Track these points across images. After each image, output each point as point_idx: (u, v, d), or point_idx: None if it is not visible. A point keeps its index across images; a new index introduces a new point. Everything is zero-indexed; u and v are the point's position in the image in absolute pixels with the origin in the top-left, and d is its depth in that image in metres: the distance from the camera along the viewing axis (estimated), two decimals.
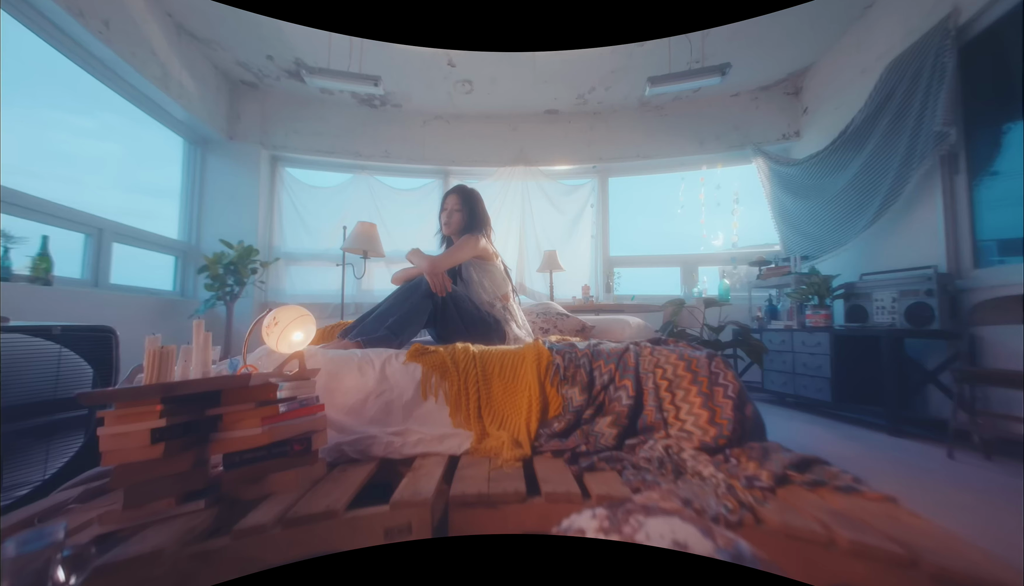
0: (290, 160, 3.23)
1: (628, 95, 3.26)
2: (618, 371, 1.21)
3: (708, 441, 0.97)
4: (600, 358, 1.25)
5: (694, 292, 3.29)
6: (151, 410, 0.67)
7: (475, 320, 1.55)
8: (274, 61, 2.78)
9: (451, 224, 1.67)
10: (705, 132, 3.23)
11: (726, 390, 1.03)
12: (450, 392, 1.19)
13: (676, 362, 1.15)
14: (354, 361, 1.17)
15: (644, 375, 1.17)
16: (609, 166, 3.57)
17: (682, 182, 3.42)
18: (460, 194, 1.69)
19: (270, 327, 0.94)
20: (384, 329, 1.37)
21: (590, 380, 1.22)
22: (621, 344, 1.33)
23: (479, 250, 1.61)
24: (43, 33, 1.83)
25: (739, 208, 3.19)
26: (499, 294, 1.69)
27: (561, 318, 2.12)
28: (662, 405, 1.11)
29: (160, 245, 2.60)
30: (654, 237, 3.71)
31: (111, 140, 2.37)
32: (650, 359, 1.20)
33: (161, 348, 0.71)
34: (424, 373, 1.19)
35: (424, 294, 1.46)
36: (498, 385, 1.24)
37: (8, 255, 1.69)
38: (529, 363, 1.25)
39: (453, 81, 3.09)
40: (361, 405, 1.12)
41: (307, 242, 3.19)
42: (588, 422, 1.17)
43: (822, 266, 2.42)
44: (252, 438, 0.78)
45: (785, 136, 3.00)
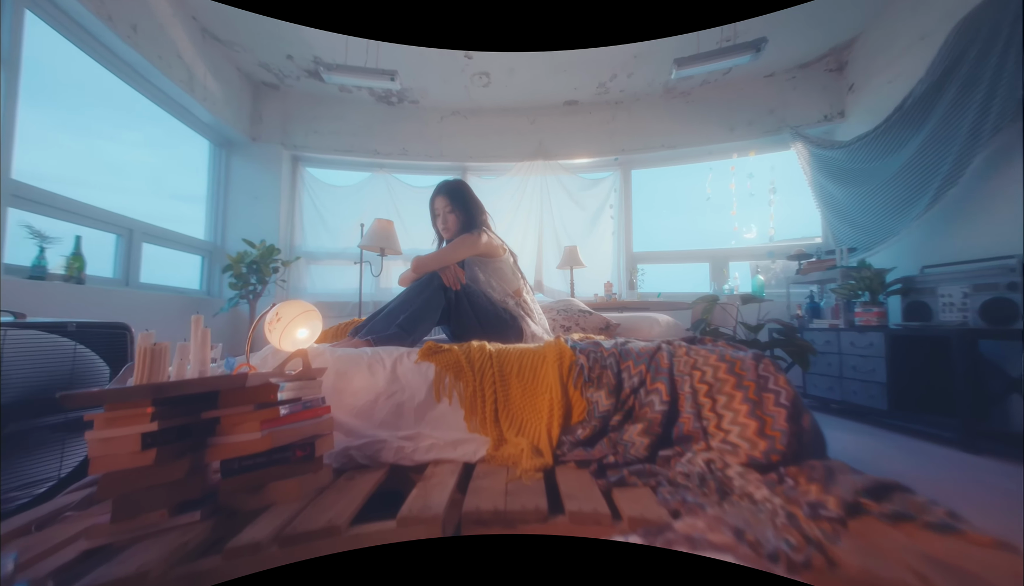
0: (310, 160, 3.25)
1: (652, 81, 3.09)
2: (649, 373, 1.09)
3: (758, 456, 0.84)
4: (629, 358, 1.14)
5: (725, 289, 3.09)
6: (141, 413, 0.62)
7: (490, 316, 1.46)
8: (294, 61, 2.79)
9: (449, 227, 1.57)
10: (736, 118, 3.02)
11: (778, 397, 0.90)
12: (465, 394, 1.11)
13: (717, 364, 1.02)
14: (363, 360, 1.10)
15: (679, 378, 1.05)
16: (632, 158, 3.40)
17: (710, 172, 3.21)
18: (448, 193, 1.57)
19: (272, 323, 0.88)
20: (395, 326, 1.30)
21: (618, 382, 1.10)
22: (652, 343, 1.21)
23: (480, 248, 1.51)
24: (75, 38, 1.87)
25: (775, 198, 2.96)
26: (510, 291, 1.59)
27: (583, 315, 2.00)
28: (701, 412, 0.99)
29: (187, 245, 2.66)
30: (680, 232, 3.52)
31: (144, 146, 2.44)
32: (686, 360, 1.07)
33: (153, 345, 0.65)
34: (437, 373, 1.11)
35: (436, 289, 1.38)
36: (516, 386, 1.14)
37: (44, 254, 1.74)
38: (550, 363, 1.15)
39: (470, 74, 3.02)
40: (371, 407, 1.06)
41: (327, 241, 3.20)
42: (616, 429, 1.05)
43: (873, 259, 2.19)
44: (251, 443, 0.72)
45: (827, 117, 2.75)
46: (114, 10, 1.91)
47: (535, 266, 3.40)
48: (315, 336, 0.99)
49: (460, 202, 1.56)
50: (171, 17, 2.23)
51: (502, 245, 1.63)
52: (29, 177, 1.71)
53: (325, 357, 1.09)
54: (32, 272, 1.70)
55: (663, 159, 3.39)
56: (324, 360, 1.08)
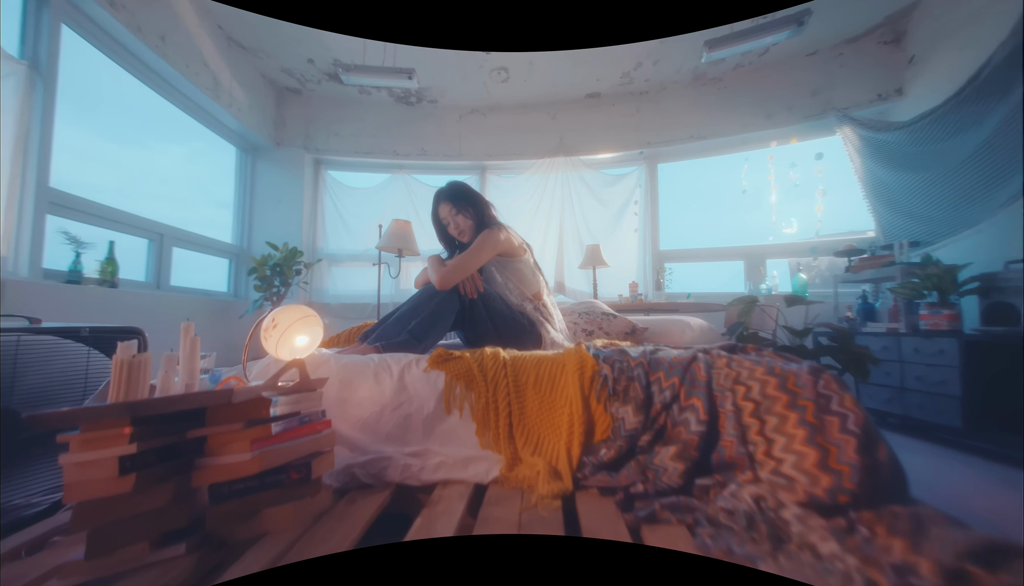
0: (332, 163, 3.28)
1: (680, 68, 2.90)
2: (683, 386, 0.96)
3: (820, 495, 0.70)
4: (659, 369, 1.01)
5: (762, 289, 2.85)
6: (118, 434, 0.56)
7: (506, 321, 1.37)
8: (315, 64, 2.80)
9: (463, 230, 1.47)
10: (774, 102, 2.78)
11: (844, 422, 0.75)
12: (476, 406, 1.02)
13: (765, 378, 0.87)
14: (369, 368, 1.04)
15: (719, 393, 0.91)
16: (658, 151, 3.21)
17: (746, 163, 2.98)
18: (449, 197, 1.46)
19: (268, 330, 0.82)
20: (406, 333, 1.23)
21: (647, 396, 0.98)
22: (686, 351, 1.08)
23: (501, 246, 1.40)
24: (107, 50, 1.92)
25: (821, 188, 2.70)
26: (529, 294, 1.48)
27: (607, 319, 1.86)
28: (746, 435, 0.85)
29: (215, 249, 2.72)
30: (711, 228, 3.30)
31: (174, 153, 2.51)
32: (727, 373, 0.93)
33: (132, 357, 0.60)
34: (447, 382, 1.03)
35: (450, 293, 1.30)
36: (533, 398, 1.04)
37: (79, 260, 1.80)
38: (570, 373, 1.04)
39: (488, 70, 2.93)
40: (376, 419, 0.99)
41: (348, 243, 3.21)
42: (645, 451, 0.93)
43: (940, 253, 1.93)
44: (240, 465, 0.66)
45: (881, 96, 2.46)
46: (144, 21, 1.95)
47: (556, 266, 3.27)
48: (315, 343, 0.93)
49: (466, 201, 1.47)
50: (198, 27, 2.27)
51: (522, 244, 1.52)
52: (67, 185, 1.77)
53: (329, 365, 1.03)
54: (69, 277, 1.76)
55: (692, 151, 3.18)
56: (328, 368, 1.02)
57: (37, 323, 1.01)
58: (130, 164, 2.20)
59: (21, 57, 1.60)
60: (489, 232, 1.39)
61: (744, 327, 1.90)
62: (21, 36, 1.61)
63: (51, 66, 1.67)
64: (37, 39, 1.64)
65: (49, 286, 1.66)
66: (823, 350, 1.61)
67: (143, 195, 2.22)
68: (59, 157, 1.72)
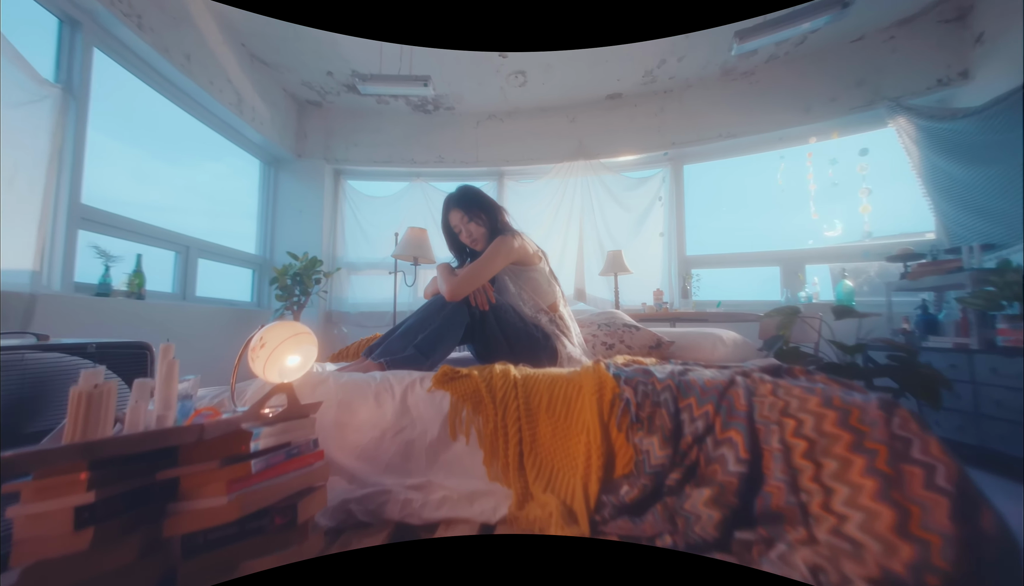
0: (351, 172, 3.30)
1: (707, 63, 2.72)
2: (719, 416, 0.83)
3: (898, 570, 0.56)
4: (690, 393, 0.88)
5: (800, 297, 2.62)
6: (74, 480, 0.50)
7: (519, 334, 1.27)
8: (333, 76, 2.83)
9: (475, 237, 1.39)
10: (813, 95, 2.55)
11: (931, 475, 0.60)
12: (484, 431, 0.92)
13: (821, 410, 0.73)
14: (371, 387, 0.96)
15: (763, 426, 0.78)
16: (684, 151, 3.04)
17: (781, 161, 2.76)
18: (460, 203, 1.39)
19: (256, 350, 0.76)
20: (412, 348, 1.16)
21: (675, 426, 0.86)
22: (720, 372, 0.94)
23: (515, 254, 1.32)
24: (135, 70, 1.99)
25: (866, 187, 2.44)
26: (544, 305, 1.38)
27: (629, 331, 1.71)
28: (798, 481, 0.71)
29: (238, 259, 2.78)
30: (742, 231, 3.08)
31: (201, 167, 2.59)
32: (772, 401, 0.79)
33: (94, 387, 0.54)
34: (453, 404, 0.94)
35: (459, 304, 1.22)
36: (546, 424, 0.94)
37: (109, 273, 1.86)
38: (587, 395, 0.93)
39: (505, 74, 2.87)
40: (376, 446, 0.91)
41: (366, 251, 3.22)
42: (675, 492, 0.81)
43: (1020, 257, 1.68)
44: (215, 511, 0.59)
45: (942, 81, 2.20)
46: (170, 42, 2.01)
47: (576, 273, 3.15)
48: (308, 363, 0.86)
49: (477, 206, 1.39)
50: (222, 45, 2.33)
51: (537, 251, 1.42)
52: (98, 201, 1.83)
53: (328, 385, 0.96)
54: (99, 289, 1.82)
55: (721, 151, 2.98)
56: (327, 389, 0.95)
57: (45, 340, 1.01)
58: (159, 179, 2.27)
59: (56, 81, 1.67)
60: (502, 239, 1.30)
61: (784, 341, 1.72)
62: (56, 61, 1.68)
63: (83, 88, 1.73)
64: (71, 63, 1.70)
65: (80, 299, 1.71)
66: (881, 370, 1.41)
67: (171, 209, 2.29)
68: (90, 174, 1.78)
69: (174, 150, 2.36)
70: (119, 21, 1.77)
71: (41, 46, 1.65)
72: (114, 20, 1.77)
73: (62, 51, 1.69)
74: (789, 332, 1.72)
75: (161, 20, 1.96)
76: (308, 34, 2.44)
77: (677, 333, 1.74)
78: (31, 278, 1.53)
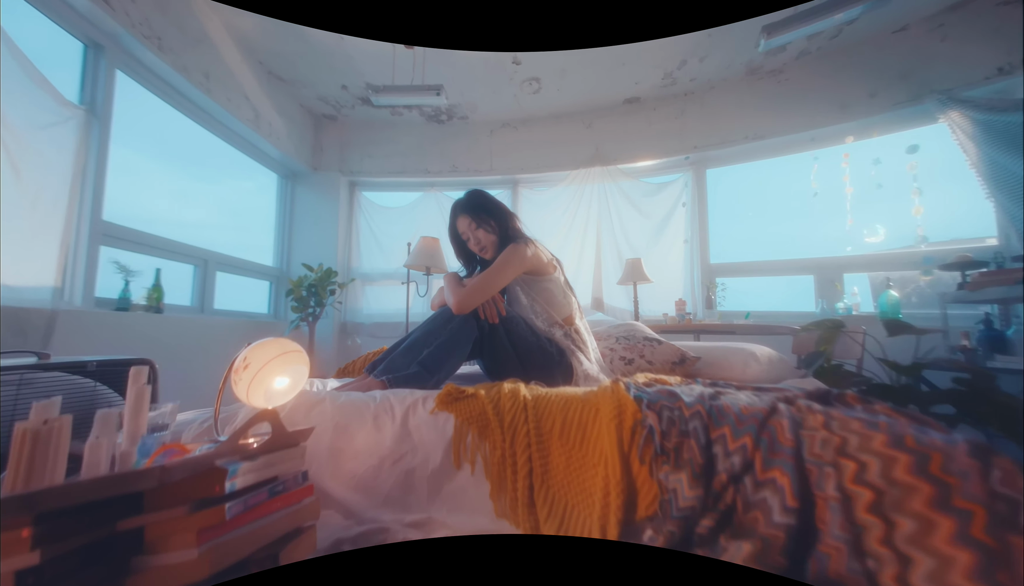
0: (366, 184, 3.31)
1: (732, 62, 2.58)
2: (759, 450, 0.70)
3: None
4: (724, 421, 0.76)
5: (838, 308, 2.41)
6: (15, 539, 0.44)
7: (531, 349, 1.17)
8: (348, 90, 2.85)
9: (485, 246, 1.31)
10: (850, 92, 2.36)
11: None
12: (491, 459, 0.83)
13: (889, 452, 0.59)
14: (369, 410, 0.88)
15: (815, 467, 0.64)
16: (706, 155, 2.88)
17: (815, 163, 2.56)
18: (468, 209, 1.30)
19: (239, 371, 0.69)
20: (416, 364, 1.07)
21: (707, 461, 0.73)
22: (759, 397, 0.81)
23: (527, 263, 1.22)
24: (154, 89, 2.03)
25: (916, 187, 2.22)
26: (559, 317, 1.27)
27: (650, 345, 1.57)
28: (862, 541, 0.57)
29: (256, 272, 2.81)
30: (771, 237, 2.88)
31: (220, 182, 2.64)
32: (825, 437, 0.66)
33: (43, 423, 0.48)
34: (457, 428, 0.85)
35: (467, 317, 1.13)
36: (558, 452, 0.83)
37: (128, 288, 1.88)
38: (604, 421, 0.82)
39: (519, 81, 2.81)
40: (374, 475, 0.83)
41: (381, 262, 3.20)
42: (707, 543, 0.68)
43: None
44: (183, 567, 0.51)
45: (1002, 70, 1.97)
46: (189, 62, 2.05)
47: (593, 282, 3.02)
48: (298, 385, 0.78)
49: (485, 212, 1.30)
50: (239, 63, 2.37)
51: (552, 260, 1.33)
52: (119, 218, 1.86)
53: (324, 407, 0.89)
54: (119, 304, 1.84)
55: (747, 153, 2.81)
56: (323, 411, 0.88)
57: (46, 358, 0.99)
58: (180, 195, 2.31)
59: (80, 103, 1.71)
60: (515, 247, 1.21)
61: (826, 358, 1.55)
62: (81, 84, 1.72)
63: (106, 109, 1.77)
64: (95, 85, 1.75)
65: (100, 314, 1.73)
66: (944, 395, 1.23)
67: (191, 224, 2.32)
68: (112, 192, 1.81)
69: (194, 167, 2.41)
70: (140, 43, 1.81)
71: (67, 70, 1.70)
72: (135, 43, 1.80)
73: (87, 74, 1.74)
74: (831, 348, 1.55)
75: (180, 41, 2.00)
76: (323, 49, 2.46)
77: (703, 348, 1.59)
78: (52, 294, 1.55)
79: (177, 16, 1.98)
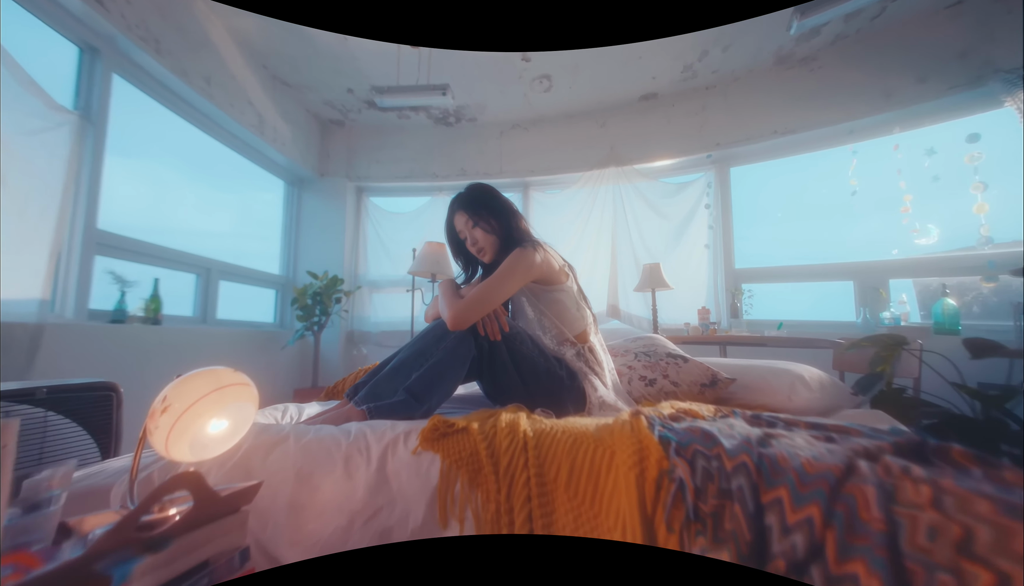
0: (373, 189, 3.21)
1: (759, 50, 2.36)
2: (831, 529, 0.49)
3: None
4: (780, 480, 0.55)
5: (883, 318, 2.14)
6: None
7: (538, 372, 1.00)
8: (354, 94, 2.75)
9: (484, 248, 1.14)
10: (895, 77, 2.11)
11: None
12: (484, 514, 0.65)
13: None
14: (340, 450, 0.70)
15: (921, 569, 0.44)
16: (730, 153, 2.66)
17: (853, 157, 2.31)
18: (466, 204, 1.13)
19: (156, 416, 0.52)
20: (403, 391, 0.91)
21: (757, 536, 0.53)
22: (828, 449, 0.60)
23: (536, 270, 1.04)
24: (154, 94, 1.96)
25: (979, 181, 1.95)
26: (571, 334, 1.09)
27: (675, 363, 1.32)
28: None
29: (261, 280, 2.72)
30: (802, 240, 2.62)
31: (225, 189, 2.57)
32: (935, 520, 0.44)
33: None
34: (443, 473, 0.68)
35: (465, 335, 0.96)
36: (565, 507, 0.65)
37: (124, 299, 1.80)
38: (622, 468, 0.64)
39: (529, 80, 2.65)
40: (342, 539, 0.65)
41: (388, 268, 3.08)
42: None
43: None
44: None
45: None
46: (189, 65, 1.97)
47: (608, 289, 2.82)
48: (241, 429, 0.61)
49: (485, 208, 1.12)
50: (242, 67, 2.30)
51: (564, 266, 1.14)
52: (116, 227, 1.78)
53: (287, 447, 0.69)
54: (114, 316, 1.75)
55: (775, 150, 2.58)
56: (284, 453, 0.69)
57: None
58: (182, 202, 2.24)
59: (75, 107, 1.64)
60: (521, 252, 1.03)
61: (886, 381, 1.31)
62: (76, 88, 1.65)
63: (102, 114, 1.69)
64: (90, 90, 1.67)
65: (93, 327, 1.64)
66: None
67: (195, 232, 2.24)
68: (109, 199, 1.73)
69: (197, 173, 2.33)
70: (137, 46, 1.73)
71: (62, 74, 1.63)
72: (132, 46, 1.73)
73: (82, 78, 1.66)
74: (891, 368, 1.32)
75: (180, 44, 1.92)
76: (327, 51, 2.36)
77: (737, 366, 1.35)
78: (38, 307, 1.46)
79: (176, 19, 1.91)
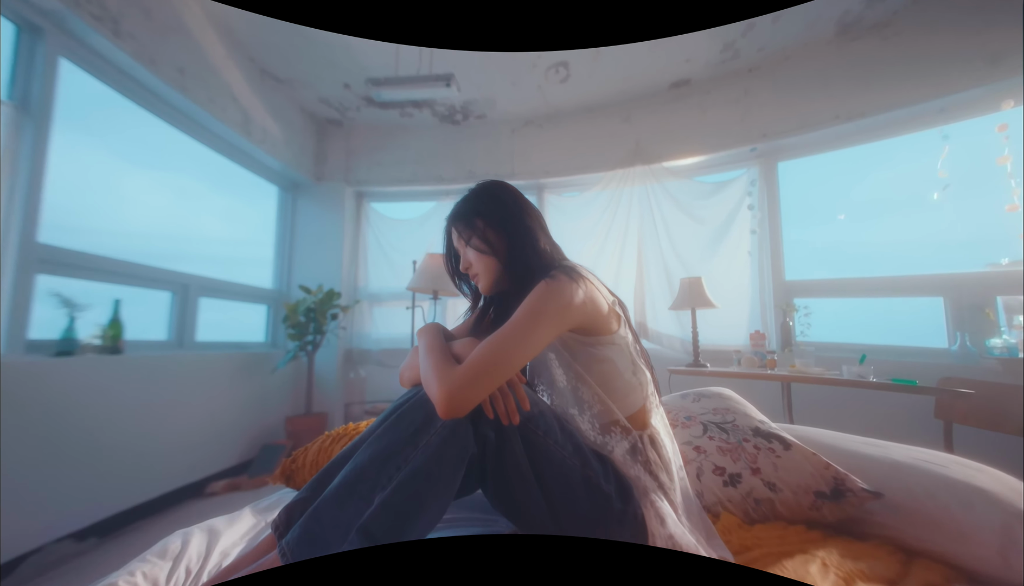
0: (374, 194, 2.86)
1: (817, 19, 1.91)
2: None
3: None
4: None
5: (990, 346, 1.64)
6: None
7: (570, 480, 0.59)
8: (351, 89, 2.42)
9: (481, 275, 0.73)
10: (1004, 39, 1.63)
11: None
12: None
13: None
14: None
15: None
16: (778, 144, 2.20)
17: (945, 143, 1.82)
18: (458, 213, 0.76)
19: None
20: (356, 532, 0.51)
21: None
22: None
23: (573, 315, 0.62)
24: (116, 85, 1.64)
25: None
26: (622, 413, 0.66)
27: (768, 448, 0.80)
28: None
29: (250, 296, 2.40)
30: (870, 247, 2.13)
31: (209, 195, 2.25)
32: None
33: None
34: None
35: (463, 424, 0.57)
36: None
37: (73, 325, 1.48)
38: None
39: (544, 69, 2.27)
40: None
41: (391, 280, 2.73)
42: None
43: None
44: None
45: None
46: (157, 53, 1.66)
47: (634, 305, 2.39)
48: None
49: (483, 216, 0.73)
50: (224, 59, 1.98)
51: (613, 306, 0.68)
52: (64, 239, 1.47)
53: None
54: (60, 347, 1.43)
55: (834, 139, 2.11)
56: None
57: None
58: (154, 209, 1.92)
59: (9, 97, 1.33)
60: (550, 287, 0.61)
61: None
62: (11, 74, 1.35)
63: (44, 104, 1.38)
64: (29, 77, 1.37)
65: (31, 363, 1.31)
66: None
67: (171, 244, 1.93)
68: (56, 208, 1.42)
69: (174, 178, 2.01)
70: (89, 27, 1.42)
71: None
72: (84, 26, 1.42)
73: (19, 62, 1.36)
74: None
75: (144, 27, 1.61)
76: (320, 43, 2.03)
77: (872, 462, 0.78)
78: None
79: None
